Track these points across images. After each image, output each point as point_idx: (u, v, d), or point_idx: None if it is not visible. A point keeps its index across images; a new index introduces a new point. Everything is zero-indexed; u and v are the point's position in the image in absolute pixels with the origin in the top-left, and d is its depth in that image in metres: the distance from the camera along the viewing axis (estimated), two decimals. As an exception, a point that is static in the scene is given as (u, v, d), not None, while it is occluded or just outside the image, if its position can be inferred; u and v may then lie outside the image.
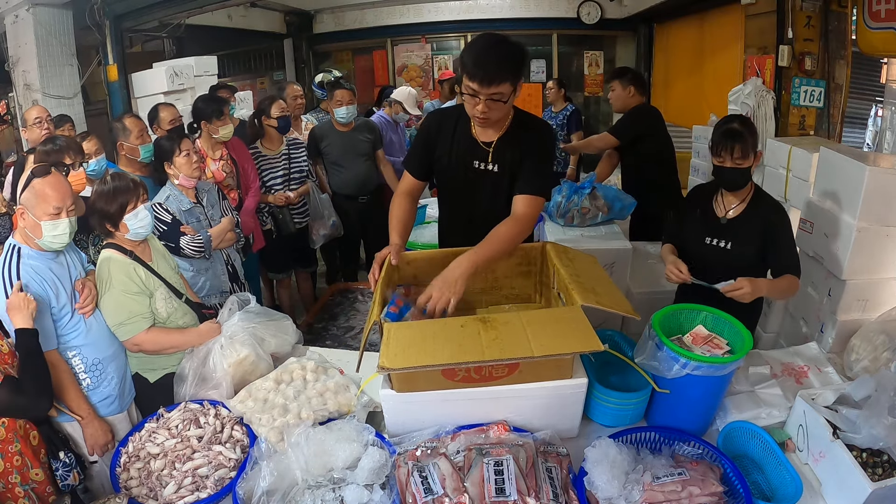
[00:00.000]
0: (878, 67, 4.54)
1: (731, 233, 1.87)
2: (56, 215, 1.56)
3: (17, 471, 1.40)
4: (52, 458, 1.50)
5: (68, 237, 1.61)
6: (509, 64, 1.58)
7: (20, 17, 4.09)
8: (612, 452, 1.29)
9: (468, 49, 1.63)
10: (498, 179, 1.81)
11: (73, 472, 1.52)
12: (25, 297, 1.49)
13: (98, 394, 1.71)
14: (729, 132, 1.77)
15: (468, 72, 1.59)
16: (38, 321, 1.53)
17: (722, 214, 1.89)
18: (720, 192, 1.91)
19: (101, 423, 1.67)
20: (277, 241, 3.26)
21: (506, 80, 1.57)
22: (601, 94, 7.25)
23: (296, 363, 1.76)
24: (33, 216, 1.55)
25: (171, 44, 5.71)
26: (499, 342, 1.30)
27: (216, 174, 2.85)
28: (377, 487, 1.29)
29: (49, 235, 1.57)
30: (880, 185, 1.97)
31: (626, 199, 2.74)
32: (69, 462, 1.52)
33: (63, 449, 1.54)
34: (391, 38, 7.27)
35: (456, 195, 1.92)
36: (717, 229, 1.89)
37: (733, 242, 1.86)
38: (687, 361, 1.38)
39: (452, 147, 1.84)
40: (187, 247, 2.28)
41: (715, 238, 1.89)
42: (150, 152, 2.56)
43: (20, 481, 1.40)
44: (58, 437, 1.57)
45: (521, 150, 1.77)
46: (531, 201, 1.73)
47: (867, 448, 1.31)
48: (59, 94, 4.20)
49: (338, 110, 3.37)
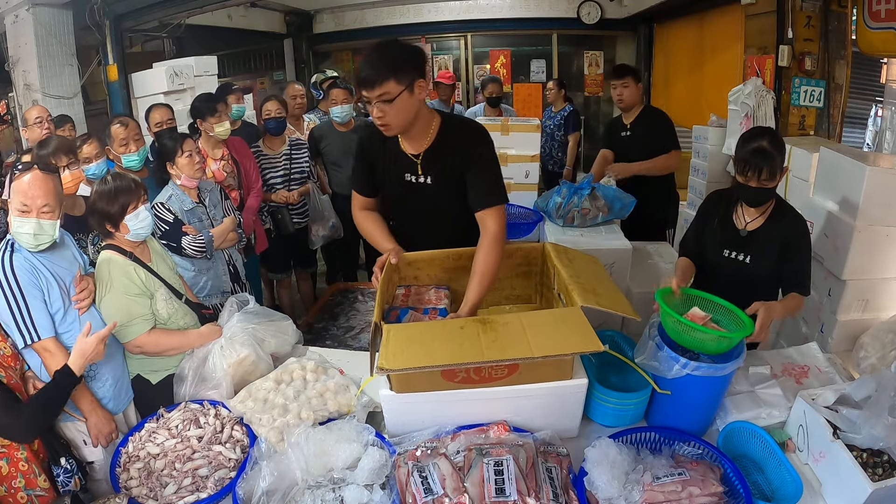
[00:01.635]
0: (878, 67, 4.54)
1: (750, 246, 1.80)
2: (24, 212, 1.53)
3: (22, 475, 1.40)
4: (53, 464, 1.49)
5: (36, 238, 1.55)
6: (386, 62, 1.53)
7: (20, 17, 4.09)
8: (612, 452, 1.28)
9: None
10: (433, 191, 1.77)
11: (74, 478, 1.51)
12: (95, 346, 1.48)
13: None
14: (758, 152, 1.65)
15: (357, 80, 1.61)
16: (36, 308, 1.53)
17: (742, 226, 1.81)
18: (741, 203, 1.82)
19: (104, 413, 1.66)
20: (277, 241, 3.26)
21: (388, 79, 1.52)
22: (601, 94, 7.26)
23: (296, 363, 1.75)
24: (13, 213, 1.55)
25: (171, 44, 5.72)
26: (498, 343, 1.30)
27: (216, 174, 2.85)
28: (377, 487, 1.29)
29: (15, 232, 1.55)
30: (880, 185, 1.97)
31: (626, 198, 2.74)
32: (70, 468, 1.51)
33: (64, 455, 1.52)
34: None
35: (396, 207, 1.90)
36: (737, 242, 1.82)
37: (752, 256, 1.80)
38: (687, 362, 1.38)
39: (384, 161, 1.79)
40: (189, 247, 2.28)
41: (734, 251, 1.82)
42: (133, 162, 2.53)
43: (24, 486, 1.39)
44: (59, 443, 1.55)
45: (453, 159, 1.71)
46: (496, 212, 1.69)
47: (867, 448, 1.31)
48: (59, 94, 4.20)
49: (334, 109, 3.37)
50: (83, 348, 1.48)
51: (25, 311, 1.52)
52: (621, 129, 3.15)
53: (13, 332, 1.53)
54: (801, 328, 2.36)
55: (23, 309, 1.52)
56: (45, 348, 1.56)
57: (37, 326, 1.53)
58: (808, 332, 2.29)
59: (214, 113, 2.81)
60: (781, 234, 1.76)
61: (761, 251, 1.78)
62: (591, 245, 2.41)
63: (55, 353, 1.56)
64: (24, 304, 1.52)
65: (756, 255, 1.79)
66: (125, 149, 2.53)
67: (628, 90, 3.02)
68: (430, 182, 1.77)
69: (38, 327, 1.53)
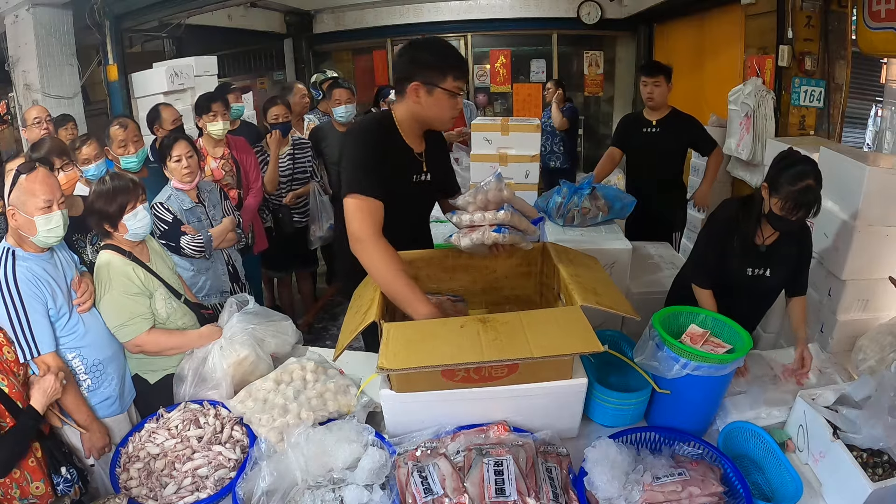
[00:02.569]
0: (878, 67, 4.53)
1: (769, 259, 1.81)
2: (48, 209, 1.54)
3: (16, 484, 1.40)
4: (53, 472, 1.49)
5: (63, 229, 1.58)
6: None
7: (20, 17, 4.09)
8: (612, 452, 1.28)
9: (442, 51, 1.63)
10: (431, 188, 1.82)
11: (74, 488, 1.52)
12: (54, 385, 1.49)
13: (99, 395, 1.71)
14: (808, 191, 1.60)
15: (456, 72, 1.59)
16: (37, 322, 1.52)
17: (760, 242, 1.80)
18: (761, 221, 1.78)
19: (100, 427, 1.67)
20: (278, 240, 3.26)
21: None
22: (601, 94, 7.26)
23: (296, 363, 1.75)
24: (25, 214, 1.53)
25: (171, 44, 5.70)
26: (498, 343, 1.30)
27: (215, 172, 2.85)
28: (377, 488, 1.29)
29: (44, 230, 1.55)
30: (880, 185, 1.97)
31: (626, 198, 2.74)
32: (70, 478, 1.51)
33: (65, 464, 1.52)
34: (391, 38, 7.27)
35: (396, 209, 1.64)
36: (758, 258, 1.81)
37: (771, 269, 1.81)
38: (687, 362, 1.38)
39: (397, 160, 1.69)
40: (188, 246, 2.28)
41: (757, 268, 1.82)
42: (131, 163, 2.54)
43: (19, 496, 1.39)
44: (60, 452, 1.55)
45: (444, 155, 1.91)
46: None
47: (867, 448, 1.31)
48: (59, 94, 4.20)
49: (336, 109, 3.38)
50: (43, 387, 1.48)
51: (26, 325, 1.52)
52: (644, 124, 3.06)
53: (15, 344, 1.52)
54: (801, 328, 2.36)
55: (23, 322, 1.51)
56: (45, 362, 1.56)
57: (37, 341, 1.53)
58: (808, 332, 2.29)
59: (208, 112, 2.82)
60: (797, 245, 1.80)
61: (780, 263, 1.80)
62: (591, 245, 2.41)
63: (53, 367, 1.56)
64: (25, 318, 1.52)
65: (775, 267, 1.81)
66: (124, 150, 2.53)
67: (660, 89, 2.95)
68: (430, 179, 1.79)
69: (38, 342, 1.53)
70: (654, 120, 3.03)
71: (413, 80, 1.60)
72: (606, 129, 7.29)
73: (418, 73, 1.59)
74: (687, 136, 3.03)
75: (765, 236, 1.80)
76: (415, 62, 1.61)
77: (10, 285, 1.51)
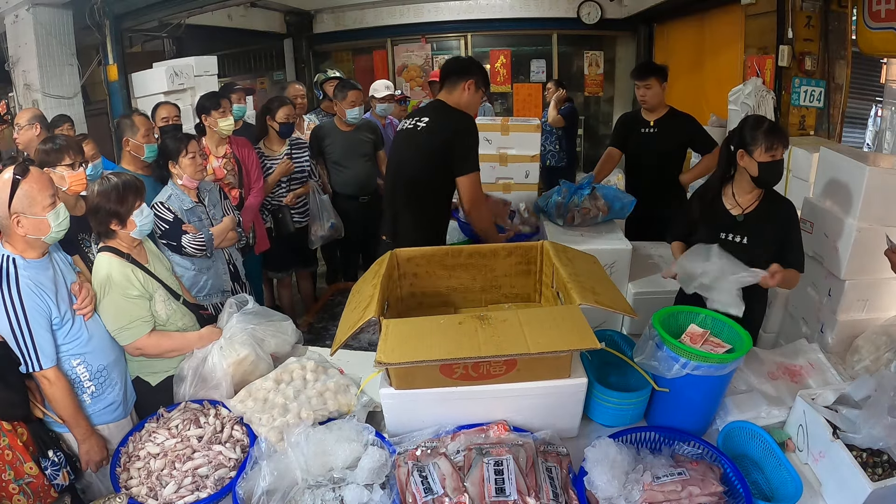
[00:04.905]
0: (878, 67, 4.54)
1: (747, 229, 1.89)
2: (53, 204, 1.56)
3: (9, 466, 1.39)
4: (41, 456, 1.48)
5: (67, 221, 1.60)
6: None
7: (20, 17, 4.09)
8: (612, 452, 1.28)
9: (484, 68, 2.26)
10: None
11: (62, 472, 1.51)
12: None
13: (103, 400, 1.69)
14: (776, 126, 1.83)
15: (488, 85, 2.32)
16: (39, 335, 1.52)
17: (738, 212, 1.91)
18: (725, 191, 1.94)
19: (98, 440, 1.64)
20: (278, 240, 3.25)
21: None
22: (601, 94, 7.27)
23: (296, 363, 1.76)
24: (33, 215, 1.52)
25: (171, 44, 5.71)
26: (495, 339, 1.30)
27: (217, 171, 2.85)
28: (377, 487, 1.29)
29: (55, 225, 1.55)
30: (880, 185, 1.97)
31: (626, 198, 2.74)
32: (58, 461, 1.50)
33: (53, 448, 1.52)
34: (391, 38, 7.28)
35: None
36: (733, 225, 1.91)
37: (750, 237, 1.88)
38: (687, 361, 1.38)
39: None
40: (189, 245, 2.28)
41: (730, 234, 1.91)
42: (154, 152, 2.56)
43: (14, 477, 1.39)
44: (48, 436, 1.55)
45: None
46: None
47: (867, 448, 1.31)
48: (59, 94, 4.20)
49: (350, 111, 3.34)
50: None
51: (29, 338, 1.51)
52: (642, 124, 3.05)
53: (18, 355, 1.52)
54: (801, 328, 2.35)
55: (26, 334, 1.51)
56: (45, 377, 1.55)
57: (39, 355, 1.52)
58: (807, 331, 2.29)
59: (218, 107, 2.82)
60: (775, 216, 1.87)
61: (759, 231, 1.87)
62: (591, 245, 2.41)
63: (54, 382, 1.56)
64: (28, 330, 1.51)
65: (754, 235, 1.88)
66: (147, 139, 2.58)
67: (651, 91, 2.94)
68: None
69: (40, 356, 1.52)
70: (652, 120, 3.02)
71: (471, 76, 2.20)
72: (606, 128, 7.30)
73: (476, 74, 2.22)
74: (685, 136, 3.02)
75: (743, 207, 1.90)
76: (474, 65, 2.27)
77: (14, 295, 1.50)
